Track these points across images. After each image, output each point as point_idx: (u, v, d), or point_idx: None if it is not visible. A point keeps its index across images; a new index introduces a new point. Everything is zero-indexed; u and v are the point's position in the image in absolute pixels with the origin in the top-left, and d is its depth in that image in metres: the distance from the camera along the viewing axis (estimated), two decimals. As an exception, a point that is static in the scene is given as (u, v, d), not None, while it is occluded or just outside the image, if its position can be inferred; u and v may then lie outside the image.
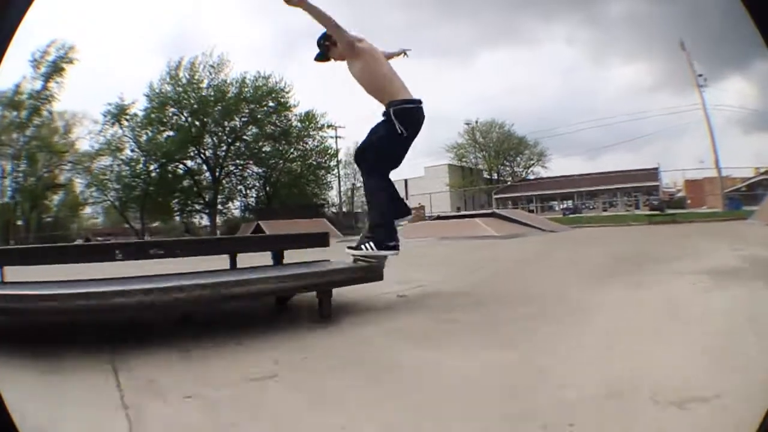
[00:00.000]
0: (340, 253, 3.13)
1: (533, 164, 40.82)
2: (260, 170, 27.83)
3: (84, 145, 25.34)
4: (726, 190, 21.77)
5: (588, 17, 46.94)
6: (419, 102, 2.87)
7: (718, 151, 14.52)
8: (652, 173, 32.12)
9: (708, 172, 22.41)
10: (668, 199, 29.79)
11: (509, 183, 40.17)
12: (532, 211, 30.63)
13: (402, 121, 2.75)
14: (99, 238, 24.72)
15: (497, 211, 14.14)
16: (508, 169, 41.58)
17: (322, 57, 2.96)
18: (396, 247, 2.79)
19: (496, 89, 54.76)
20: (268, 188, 27.98)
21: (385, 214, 2.87)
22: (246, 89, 25.96)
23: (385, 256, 2.78)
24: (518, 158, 41.03)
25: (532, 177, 40.23)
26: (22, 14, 0.99)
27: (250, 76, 25.89)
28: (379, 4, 47.96)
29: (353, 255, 2.81)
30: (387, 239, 2.77)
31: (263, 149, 27.34)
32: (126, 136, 24.83)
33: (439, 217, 14.74)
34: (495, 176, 40.86)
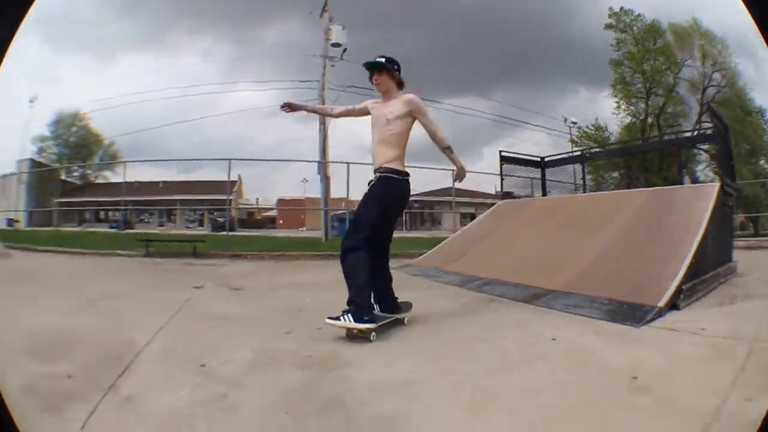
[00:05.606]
0: None
1: (105, 168, 33.23)
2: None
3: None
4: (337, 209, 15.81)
5: (235, 37, 41.52)
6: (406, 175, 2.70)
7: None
8: (233, 185, 26.47)
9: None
10: (246, 217, 25.14)
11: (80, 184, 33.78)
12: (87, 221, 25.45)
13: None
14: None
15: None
16: (78, 171, 34.52)
17: (376, 67, 2.68)
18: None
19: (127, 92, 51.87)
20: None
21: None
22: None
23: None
24: (90, 159, 32.95)
25: (101, 181, 32.71)
26: (23, 14, 1.00)
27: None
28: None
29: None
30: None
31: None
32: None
33: None
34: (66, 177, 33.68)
